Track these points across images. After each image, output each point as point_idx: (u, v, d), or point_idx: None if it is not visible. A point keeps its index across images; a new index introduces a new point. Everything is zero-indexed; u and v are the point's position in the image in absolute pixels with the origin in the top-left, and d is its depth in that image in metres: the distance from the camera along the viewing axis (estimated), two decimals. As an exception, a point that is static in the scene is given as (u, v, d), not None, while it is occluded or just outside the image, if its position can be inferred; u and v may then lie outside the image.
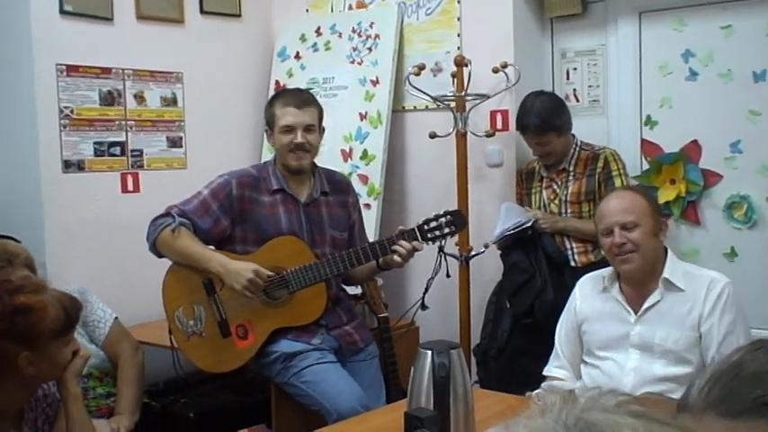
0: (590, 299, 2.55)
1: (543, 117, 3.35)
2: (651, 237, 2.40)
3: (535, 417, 0.76)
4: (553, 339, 2.63)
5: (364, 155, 4.03)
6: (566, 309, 2.63)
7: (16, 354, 1.88)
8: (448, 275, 3.25)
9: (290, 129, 2.94)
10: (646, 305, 2.42)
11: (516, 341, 3.47)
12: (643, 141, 3.63)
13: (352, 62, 4.14)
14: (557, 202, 3.47)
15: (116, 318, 2.94)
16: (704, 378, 0.96)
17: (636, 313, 2.44)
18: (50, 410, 2.09)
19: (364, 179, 4.00)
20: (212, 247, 2.96)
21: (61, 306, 1.98)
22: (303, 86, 4.16)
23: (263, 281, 2.83)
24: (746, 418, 0.90)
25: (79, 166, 3.75)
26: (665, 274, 2.41)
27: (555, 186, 3.49)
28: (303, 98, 3.02)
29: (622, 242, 2.37)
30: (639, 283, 2.44)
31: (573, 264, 3.39)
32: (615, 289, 2.48)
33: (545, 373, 2.59)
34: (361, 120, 4.05)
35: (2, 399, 1.95)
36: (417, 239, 2.86)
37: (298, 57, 4.35)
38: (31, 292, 1.94)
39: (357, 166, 4.04)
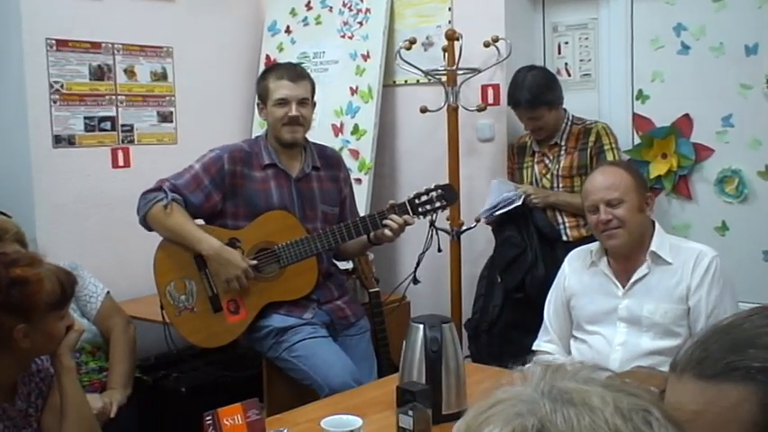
0: (578, 273, 2.56)
1: (535, 92, 3.35)
2: (637, 212, 2.41)
3: (516, 384, 0.80)
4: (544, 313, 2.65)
5: (355, 129, 4.02)
6: (554, 283, 2.64)
7: (12, 326, 1.89)
8: (439, 250, 3.27)
9: (284, 102, 2.93)
10: (633, 278, 2.44)
11: (507, 316, 3.48)
12: (635, 115, 3.62)
13: (343, 36, 4.11)
14: (548, 176, 3.47)
15: (108, 292, 2.94)
16: (694, 339, 0.99)
17: (624, 287, 2.45)
18: (44, 385, 2.09)
19: (355, 154, 3.99)
20: (202, 221, 2.96)
21: (57, 279, 1.98)
22: (294, 61, 4.14)
23: (249, 279, 2.85)
24: (717, 382, 0.92)
25: (69, 141, 3.73)
26: (653, 247, 2.43)
27: (547, 161, 3.49)
28: (297, 72, 3.01)
29: (608, 219, 2.39)
30: (626, 258, 2.46)
31: (565, 238, 3.40)
32: (603, 263, 2.50)
33: (534, 347, 2.61)
34: (352, 94, 4.03)
35: None
36: (408, 213, 2.86)
37: (288, 31, 4.32)
38: (27, 265, 1.95)
39: (348, 141, 4.03)
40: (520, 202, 3.38)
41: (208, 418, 1.82)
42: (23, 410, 2.03)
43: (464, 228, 3.69)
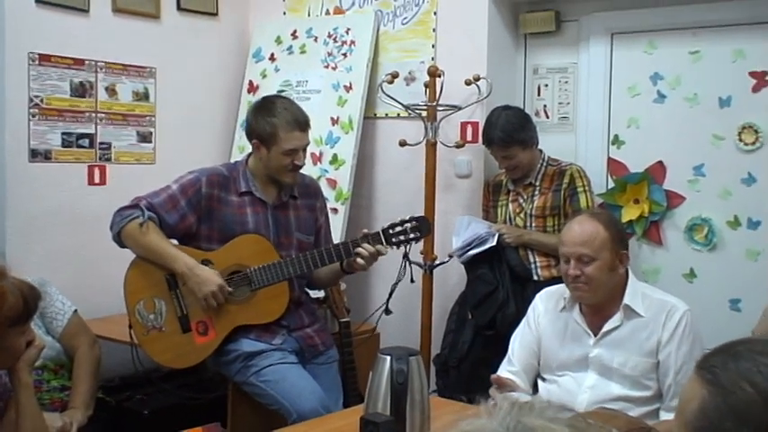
0: (550, 315, 2.56)
1: (508, 131, 3.39)
2: (607, 271, 2.38)
3: (481, 417, 0.81)
4: (515, 352, 2.64)
5: (334, 159, 4.04)
6: (525, 319, 2.63)
7: None
8: (412, 281, 3.28)
9: (293, 152, 2.91)
10: (605, 329, 2.43)
11: (477, 352, 3.48)
12: (610, 160, 3.68)
13: (327, 67, 4.15)
14: (522, 215, 3.51)
15: (75, 311, 2.90)
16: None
17: (595, 336, 2.45)
18: (0, 401, 2.06)
19: (333, 183, 4.01)
20: (176, 241, 2.95)
21: (20, 294, 1.95)
22: (276, 88, 4.19)
23: (224, 297, 2.84)
24: (697, 375, 1.03)
25: (46, 156, 3.71)
26: (626, 300, 2.42)
27: (521, 200, 3.52)
28: (305, 119, 2.95)
29: (576, 274, 2.38)
30: (598, 308, 2.46)
31: (536, 278, 3.42)
32: (576, 311, 2.49)
33: (497, 375, 2.56)
34: (333, 124, 4.06)
35: None
36: (382, 243, 2.87)
37: (272, 58, 4.35)
38: None
39: (326, 170, 4.04)
40: (494, 243, 3.40)
41: (169, 439, 1.81)
42: (-20, 425, 2.00)
43: (437, 262, 3.70)
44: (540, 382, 2.57)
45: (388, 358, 2.18)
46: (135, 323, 2.91)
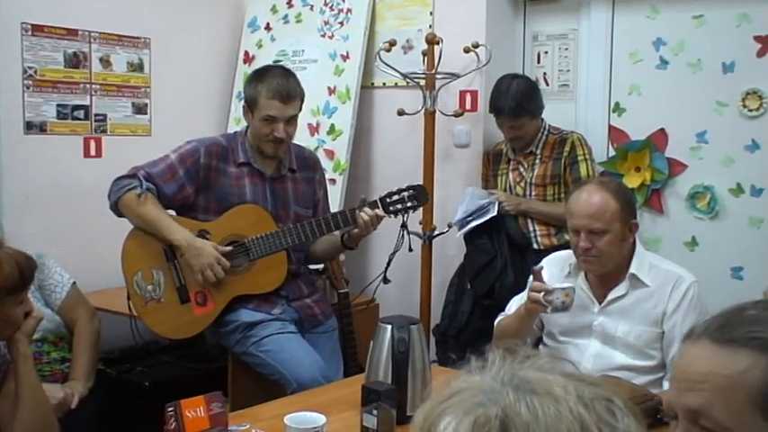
0: (555, 281, 2.54)
1: (519, 100, 3.35)
2: (618, 243, 2.35)
3: (474, 373, 0.79)
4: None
5: (331, 130, 4.00)
6: (529, 283, 2.62)
7: None
8: (411, 249, 3.25)
9: (272, 119, 2.86)
10: (610, 297, 2.41)
11: (476, 322, 3.48)
12: (611, 128, 3.65)
13: (323, 36, 4.10)
14: (522, 184, 3.48)
15: (74, 283, 2.89)
16: (712, 315, 1.04)
17: (600, 304, 2.43)
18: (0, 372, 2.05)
19: (330, 154, 3.98)
20: (173, 212, 2.92)
21: (16, 263, 1.94)
22: (272, 58, 4.14)
23: (222, 270, 2.82)
24: (734, 347, 0.97)
25: (41, 128, 3.68)
26: (632, 269, 2.39)
27: (521, 169, 3.50)
28: (290, 90, 2.88)
29: (587, 247, 2.34)
30: (604, 276, 2.43)
31: (535, 246, 3.41)
32: (581, 277, 2.47)
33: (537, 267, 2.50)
34: (330, 94, 4.02)
35: None
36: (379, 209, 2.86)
37: (268, 28, 4.30)
38: None
39: (324, 141, 4.01)
40: (494, 213, 3.37)
41: (170, 409, 1.80)
42: (-22, 396, 1.99)
43: (436, 233, 3.68)
44: (541, 348, 2.56)
45: (389, 327, 2.18)
46: (133, 294, 2.89)
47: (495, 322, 2.60)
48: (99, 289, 3.48)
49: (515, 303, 2.59)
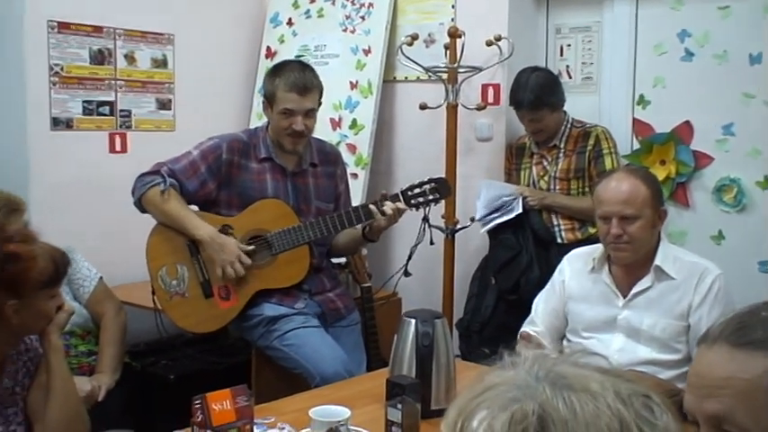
0: (578, 277, 2.52)
1: (538, 93, 3.33)
2: (649, 229, 2.34)
3: (507, 368, 0.78)
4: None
5: (353, 124, 4.00)
6: (551, 281, 2.61)
7: (3, 301, 1.88)
8: (432, 242, 3.25)
9: (289, 113, 2.87)
10: (635, 290, 2.39)
11: (500, 317, 3.47)
12: (635, 120, 3.62)
13: (345, 30, 4.10)
14: (546, 178, 3.47)
15: (101, 277, 2.92)
16: (726, 317, 1.02)
17: (624, 297, 2.42)
18: (31, 365, 2.08)
19: (352, 149, 3.98)
20: (196, 207, 2.94)
21: (51, 258, 1.97)
22: (294, 53, 4.15)
23: (244, 268, 2.83)
24: (753, 350, 0.95)
25: (67, 125, 3.71)
26: (657, 261, 2.37)
27: (545, 162, 3.48)
28: (306, 82, 2.89)
29: (618, 233, 2.32)
30: (629, 267, 2.41)
31: (560, 241, 3.39)
32: (605, 271, 2.45)
33: (520, 331, 2.54)
34: (352, 89, 4.02)
35: None
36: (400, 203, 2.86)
37: (290, 23, 4.31)
38: (21, 241, 1.94)
39: (346, 136, 4.02)
40: (520, 210, 3.36)
41: (197, 402, 1.81)
42: (10, 388, 2.02)
43: (459, 226, 3.67)
44: (565, 344, 2.55)
45: (414, 321, 2.18)
46: (158, 289, 2.92)
47: (521, 331, 2.58)
48: (124, 283, 3.50)
49: (541, 303, 2.59)
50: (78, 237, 3.50)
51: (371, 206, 2.87)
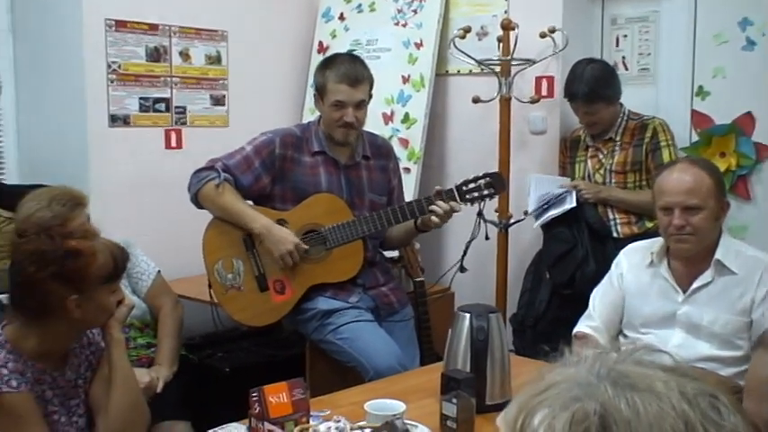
0: (636, 271, 2.48)
1: (593, 86, 3.29)
2: (713, 221, 2.29)
3: (568, 366, 0.77)
4: (594, 310, 2.58)
5: (406, 118, 4.00)
6: (608, 275, 2.57)
7: (65, 296, 1.92)
8: (487, 237, 3.23)
9: (341, 105, 2.89)
10: (695, 285, 2.35)
11: (554, 311, 3.44)
12: (693, 112, 3.55)
13: (397, 24, 4.10)
14: (601, 171, 3.42)
15: (159, 271, 2.97)
16: None
17: (684, 292, 2.37)
18: (94, 358, 2.13)
19: (405, 143, 3.98)
20: (251, 202, 2.97)
21: (110, 253, 2.01)
22: (346, 48, 4.16)
23: (300, 256, 2.85)
24: None
25: (125, 121, 3.78)
26: (718, 255, 2.32)
27: (600, 156, 3.44)
28: (357, 74, 2.91)
29: (682, 225, 2.27)
30: (690, 262, 2.36)
31: (615, 235, 3.35)
32: (663, 266, 2.41)
33: (575, 330, 2.52)
34: (404, 83, 4.02)
35: (48, 340, 1.99)
36: (455, 200, 2.84)
37: (342, 18, 4.32)
38: (81, 237, 1.99)
39: (398, 130, 4.01)
40: (573, 203, 3.32)
41: (254, 394, 1.83)
42: (72, 381, 2.07)
43: (512, 220, 3.65)
44: (621, 340, 2.51)
45: (468, 316, 2.17)
46: (214, 283, 2.95)
47: (575, 329, 2.54)
48: (181, 277, 3.56)
49: (598, 297, 2.55)
50: (135, 231, 3.56)
51: (425, 201, 2.86)
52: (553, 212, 3.37)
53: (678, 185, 2.30)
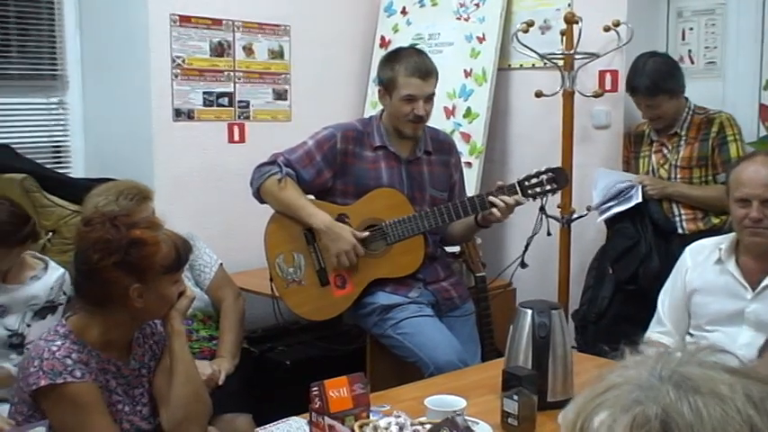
0: (702, 268, 2.43)
1: (654, 79, 3.23)
2: None
3: (630, 367, 0.75)
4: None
5: (467, 113, 3.98)
6: (673, 275, 2.52)
7: (128, 284, 1.95)
8: (549, 233, 3.20)
9: (412, 99, 2.88)
10: (765, 282, 2.29)
11: (617, 308, 3.40)
12: (761, 106, 3.45)
13: (459, 18, 4.07)
14: (666, 167, 3.36)
15: (221, 264, 3.01)
16: None
17: (753, 290, 2.31)
18: (157, 348, 2.16)
19: (466, 137, 3.96)
20: (312, 196, 2.99)
21: (173, 244, 2.04)
22: (409, 42, 4.15)
23: (358, 257, 2.86)
24: None
25: (189, 115, 3.85)
26: None
27: (665, 150, 3.37)
28: (427, 67, 2.91)
29: (759, 218, 2.23)
30: (761, 257, 2.31)
31: (680, 231, 3.29)
32: (731, 263, 2.35)
33: (646, 336, 2.50)
34: (466, 77, 4.00)
35: (111, 328, 2.03)
36: (517, 195, 2.81)
37: (404, 12, 4.31)
38: (146, 227, 2.02)
39: (460, 124, 4.00)
40: (639, 199, 3.27)
41: (314, 389, 1.85)
42: (136, 370, 2.10)
43: (575, 216, 3.60)
44: (689, 340, 2.46)
45: (530, 312, 2.15)
46: (275, 276, 2.99)
47: (646, 335, 2.50)
48: (242, 269, 3.61)
49: (666, 300, 2.50)
50: (199, 224, 3.63)
51: (487, 197, 2.84)
52: (619, 208, 3.32)
53: (757, 177, 2.25)
